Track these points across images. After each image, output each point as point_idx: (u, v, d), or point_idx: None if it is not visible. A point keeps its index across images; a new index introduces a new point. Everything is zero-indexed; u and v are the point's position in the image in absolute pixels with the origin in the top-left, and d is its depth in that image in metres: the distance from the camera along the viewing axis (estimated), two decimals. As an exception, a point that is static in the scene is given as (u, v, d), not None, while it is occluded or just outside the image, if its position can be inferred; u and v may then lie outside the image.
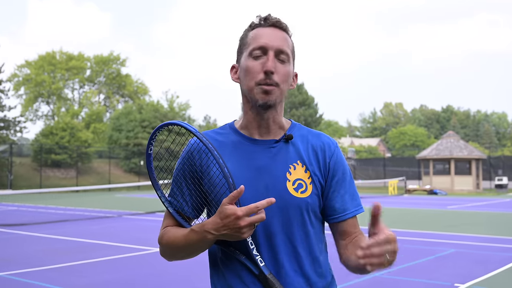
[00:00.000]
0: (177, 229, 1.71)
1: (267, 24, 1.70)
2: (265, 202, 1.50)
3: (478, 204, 24.09)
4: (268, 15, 1.72)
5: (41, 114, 65.11)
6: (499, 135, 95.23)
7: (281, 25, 1.71)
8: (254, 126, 1.72)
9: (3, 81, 41.16)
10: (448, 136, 39.59)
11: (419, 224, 14.56)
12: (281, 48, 1.66)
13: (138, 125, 47.96)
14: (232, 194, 1.50)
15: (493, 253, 9.46)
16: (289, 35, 1.73)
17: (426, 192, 34.95)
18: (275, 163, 1.68)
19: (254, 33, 1.70)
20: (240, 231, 1.50)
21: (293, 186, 1.66)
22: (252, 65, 1.66)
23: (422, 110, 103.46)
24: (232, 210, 1.49)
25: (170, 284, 7.00)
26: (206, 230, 1.55)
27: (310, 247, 1.70)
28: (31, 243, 11.05)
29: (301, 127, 1.80)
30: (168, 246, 1.72)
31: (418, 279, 7.24)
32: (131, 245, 10.53)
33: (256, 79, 1.64)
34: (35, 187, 35.63)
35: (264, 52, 1.66)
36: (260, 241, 1.63)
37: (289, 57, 1.69)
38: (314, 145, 1.74)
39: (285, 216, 1.65)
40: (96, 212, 19.13)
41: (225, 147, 1.71)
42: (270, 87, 1.63)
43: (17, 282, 7.12)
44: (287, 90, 1.70)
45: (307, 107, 52.47)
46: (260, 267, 1.59)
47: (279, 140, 1.71)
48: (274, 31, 1.69)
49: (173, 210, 1.74)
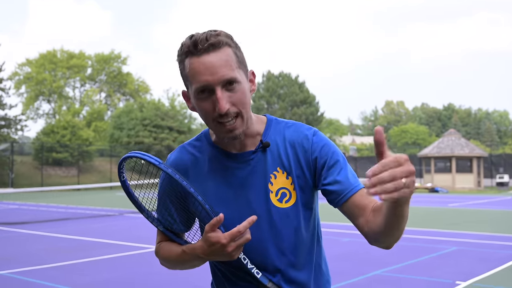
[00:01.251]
0: (171, 245, 1.69)
1: (199, 52, 1.48)
2: (246, 223, 1.46)
3: (479, 202, 24.07)
4: (198, 38, 1.48)
5: (42, 112, 65.18)
6: (501, 133, 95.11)
7: (215, 46, 1.48)
8: (227, 144, 1.64)
9: (4, 80, 41.18)
10: (449, 134, 39.54)
11: (420, 222, 14.54)
12: (225, 78, 1.47)
13: (139, 124, 47.95)
14: (212, 223, 1.47)
15: (495, 251, 9.45)
16: (228, 45, 1.51)
17: (428, 190, 34.93)
18: (255, 175, 1.61)
19: (190, 65, 1.50)
20: (229, 255, 1.49)
21: (276, 197, 1.60)
22: (203, 107, 1.51)
23: (424, 108, 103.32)
24: (216, 238, 1.47)
25: (170, 283, 7.00)
26: (196, 254, 1.55)
27: (306, 254, 1.66)
28: (33, 241, 11.05)
29: (277, 122, 1.68)
30: (165, 261, 1.72)
31: (419, 276, 7.24)
32: (132, 243, 10.54)
33: (212, 117, 1.51)
34: (37, 186, 35.63)
35: (210, 91, 1.49)
36: (253, 255, 1.61)
37: (237, 78, 1.50)
38: (292, 141, 1.63)
39: (274, 228, 1.61)
40: (97, 211, 19.14)
41: (203, 163, 1.66)
42: (232, 125, 1.51)
43: (19, 280, 7.12)
44: (249, 104, 1.57)
45: (308, 105, 52.44)
46: (258, 278, 1.58)
47: (256, 151, 1.63)
48: (210, 58, 1.47)
49: (163, 228, 1.71)
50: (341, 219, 15.21)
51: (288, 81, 53.34)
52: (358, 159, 51.66)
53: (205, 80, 1.47)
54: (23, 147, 47.24)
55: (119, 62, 66.89)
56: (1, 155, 38.60)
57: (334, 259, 8.52)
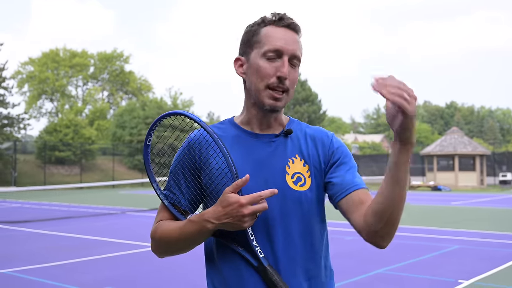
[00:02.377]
0: (172, 222, 1.69)
1: (282, 24, 1.65)
2: (268, 192, 1.51)
3: (482, 200, 24.05)
4: (284, 15, 1.67)
5: (45, 111, 65.31)
6: (504, 131, 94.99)
7: (295, 27, 1.67)
8: (255, 122, 1.71)
9: (7, 79, 41.24)
10: (452, 132, 39.51)
11: (423, 220, 14.53)
12: (295, 53, 1.64)
13: (142, 122, 48.00)
14: (236, 183, 1.50)
15: (497, 249, 9.43)
16: (300, 37, 1.70)
17: (430, 188, 34.91)
18: (275, 157, 1.67)
19: (267, 31, 1.65)
20: (242, 220, 1.49)
21: (292, 179, 1.65)
22: (265, 67, 1.62)
23: (426, 106, 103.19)
24: (236, 198, 1.49)
25: (170, 281, 7.01)
26: (205, 219, 1.53)
27: (310, 240, 1.67)
28: (35, 240, 11.07)
29: (300, 122, 1.79)
30: (162, 240, 1.68)
31: (422, 275, 7.22)
32: (134, 241, 10.54)
33: (267, 82, 1.62)
34: (39, 184, 35.72)
35: (279, 56, 1.62)
36: (258, 233, 1.61)
37: (300, 61, 1.68)
38: (312, 136, 1.74)
39: (284, 209, 1.63)
40: (99, 209, 19.17)
41: (225, 140, 1.69)
42: (281, 95, 1.63)
43: (21, 279, 7.13)
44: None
45: (310, 103, 52.43)
46: (260, 258, 1.57)
47: (279, 135, 1.71)
48: (289, 33, 1.65)
49: (169, 203, 1.72)
50: (344, 217, 15.21)
51: (291, 80, 53.28)
52: (360, 157, 51.63)
53: (280, 46, 1.62)
54: (26, 145, 47.35)
55: (121, 61, 66.97)
56: (4, 154, 38.70)
57: (337, 257, 8.51)
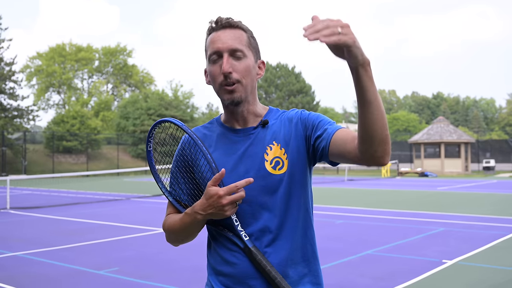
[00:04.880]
0: (176, 215, 1.81)
1: (219, 27, 1.71)
2: (243, 182, 1.60)
3: (466, 185, 24.16)
4: (218, 18, 1.73)
5: (53, 103, 65.07)
6: (487, 120, 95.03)
7: (231, 25, 1.71)
8: (232, 119, 1.78)
9: (16, 72, 41.05)
10: (438, 121, 39.55)
11: (410, 205, 14.62)
12: (233, 47, 1.68)
13: (145, 113, 47.92)
14: (215, 177, 1.61)
15: (480, 231, 9.52)
16: (244, 30, 1.73)
17: (418, 174, 35.03)
18: (254, 147, 1.74)
19: (210, 38, 1.73)
20: (223, 209, 1.60)
21: (270, 165, 1.71)
22: (213, 70, 1.70)
23: (414, 96, 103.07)
24: (214, 190, 1.59)
25: (171, 261, 7.06)
26: (195, 211, 1.65)
27: (294, 219, 1.72)
28: (45, 224, 11.12)
29: (278, 110, 1.83)
30: (169, 231, 1.82)
31: (408, 255, 7.30)
32: (138, 226, 10.61)
33: (218, 81, 1.69)
34: (48, 172, 35.73)
35: (220, 56, 1.68)
36: (248, 218, 1.70)
37: (244, 52, 1.70)
38: (290, 118, 1.77)
39: (267, 192, 1.70)
40: (105, 196, 19.22)
41: (211, 138, 1.81)
42: (231, 87, 1.68)
43: (32, 261, 7.19)
44: (254, 81, 1.73)
45: (304, 95, 52.38)
46: (245, 241, 1.67)
47: (257, 127, 1.77)
48: (226, 32, 1.70)
49: (173, 199, 1.85)
50: (335, 202, 15.33)
51: (285, 72, 53.20)
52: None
53: (216, 47, 1.68)
54: (35, 136, 47.25)
55: (124, 55, 66.64)
56: (15, 144, 38.62)
57: (328, 240, 8.59)
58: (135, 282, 5.98)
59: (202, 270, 6.15)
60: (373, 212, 12.80)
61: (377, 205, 14.64)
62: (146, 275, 6.26)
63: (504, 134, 71.70)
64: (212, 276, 1.78)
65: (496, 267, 6.62)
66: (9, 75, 39.72)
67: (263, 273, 1.65)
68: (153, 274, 6.32)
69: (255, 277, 1.67)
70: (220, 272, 1.74)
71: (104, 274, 6.37)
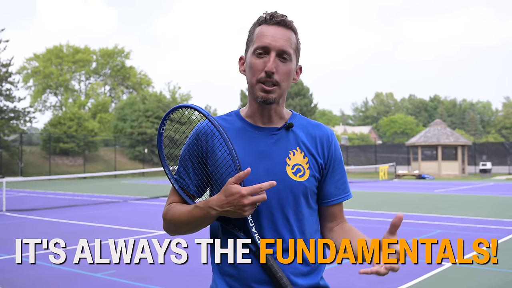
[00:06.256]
0: (182, 205, 1.74)
1: (272, 22, 1.68)
2: (267, 184, 1.54)
3: (463, 188, 24.19)
4: (274, 13, 1.70)
5: (50, 104, 64.92)
6: (484, 123, 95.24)
7: (286, 23, 1.69)
8: (257, 115, 1.75)
9: (13, 74, 40.97)
10: (435, 124, 39.62)
11: (408, 207, 14.63)
12: (283, 48, 1.65)
13: (142, 115, 47.84)
14: (239, 175, 1.54)
15: (477, 233, 9.52)
16: (294, 32, 1.72)
17: (415, 177, 35.05)
18: (276, 148, 1.71)
19: (259, 30, 1.69)
20: (242, 209, 1.54)
21: (292, 170, 1.69)
22: (255, 63, 1.66)
23: (411, 99, 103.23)
24: (237, 188, 1.53)
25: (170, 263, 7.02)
26: (210, 206, 1.58)
27: (304, 227, 1.71)
28: (42, 227, 11.08)
29: (301, 117, 1.82)
30: (172, 221, 1.74)
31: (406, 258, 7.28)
32: (136, 228, 10.58)
33: (257, 77, 1.66)
34: (45, 174, 35.65)
35: (267, 52, 1.65)
36: (263, 220, 1.67)
37: (291, 55, 1.68)
38: (313, 134, 1.77)
39: (284, 197, 1.67)
40: (102, 198, 19.16)
41: (230, 132, 1.74)
42: (270, 87, 1.65)
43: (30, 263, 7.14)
44: (290, 85, 1.72)
45: (302, 97, 52.38)
46: (258, 244, 1.62)
47: (281, 128, 1.74)
48: (278, 30, 1.67)
49: (179, 187, 1.77)
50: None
51: (283, 74, 53.14)
52: (350, 147, 51.72)
53: (267, 42, 1.65)
54: (32, 137, 47.15)
55: (122, 57, 66.56)
56: (11, 146, 38.53)
57: (326, 242, 8.57)
58: (132, 284, 5.96)
59: (200, 272, 6.14)
60: (370, 214, 12.80)
61: (375, 207, 14.64)
62: (143, 277, 6.24)
63: (501, 137, 71.91)
64: (218, 275, 1.74)
65: (494, 269, 6.62)
66: (6, 76, 39.61)
67: (273, 279, 1.61)
68: (150, 276, 6.31)
69: (264, 282, 1.64)
70: (227, 273, 1.70)
71: (101, 276, 6.35)
